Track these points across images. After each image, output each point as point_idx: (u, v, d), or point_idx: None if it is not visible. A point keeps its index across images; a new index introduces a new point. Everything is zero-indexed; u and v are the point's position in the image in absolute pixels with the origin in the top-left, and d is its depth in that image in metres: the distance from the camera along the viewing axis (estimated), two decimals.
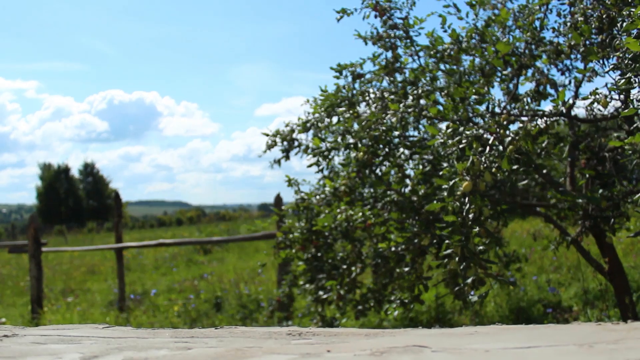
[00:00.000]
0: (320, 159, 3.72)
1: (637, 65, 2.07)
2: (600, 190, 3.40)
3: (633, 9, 2.34)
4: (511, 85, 4.06)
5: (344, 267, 3.48)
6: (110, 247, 9.40)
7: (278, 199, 6.62)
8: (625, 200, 3.24)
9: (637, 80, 2.43)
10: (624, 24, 2.23)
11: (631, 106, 2.47)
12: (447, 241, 2.13)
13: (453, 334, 0.64)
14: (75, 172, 57.86)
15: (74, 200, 55.37)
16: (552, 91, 4.14)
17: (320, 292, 3.75)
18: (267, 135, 4.70)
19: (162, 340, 0.68)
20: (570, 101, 3.96)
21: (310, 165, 3.77)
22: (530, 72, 4.13)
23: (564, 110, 3.49)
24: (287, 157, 4.58)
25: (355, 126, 3.40)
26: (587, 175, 3.34)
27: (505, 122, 2.60)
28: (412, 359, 0.54)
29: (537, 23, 3.81)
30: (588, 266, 6.88)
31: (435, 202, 2.34)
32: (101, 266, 14.13)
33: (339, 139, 3.51)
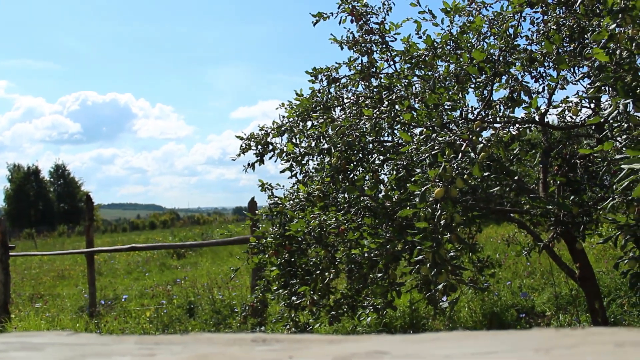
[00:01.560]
0: (294, 164, 3.70)
1: (604, 74, 2.09)
2: (572, 197, 3.44)
3: (602, 20, 2.37)
4: (485, 92, 4.09)
5: (317, 272, 3.45)
6: (81, 252, 9.24)
7: (252, 203, 6.57)
8: (596, 207, 3.29)
9: (605, 89, 2.47)
10: (593, 34, 2.25)
11: (599, 114, 2.50)
12: (418, 247, 2.12)
13: (416, 340, 0.63)
14: (45, 174, 56.83)
15: (44, 203, 54.33)
16: (526, 98, 4.19)
17: (294, 298, 3.73)
18: (241, 138, 4.67)
19: (127, 347, 0.68)
20: (544, 109, 4.01)
21: (283, 171, 3.75)
22: (504, 79, 4.17)
23: (536, 118, 3.52)
24: (262, 161, 4.55)
25: (330, 131, 3.39)
26: (558, 182, 3.37)
27: (478, 129, 2.60)
28: None
29: (511, 30, 3.84)
30: (561, 272, 6.96)
31: (407, 208, 2.33)
32: (72, 271, 13.89)
33: (313, 144, 3.49)
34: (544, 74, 4.23)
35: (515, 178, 2.49)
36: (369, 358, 0.58)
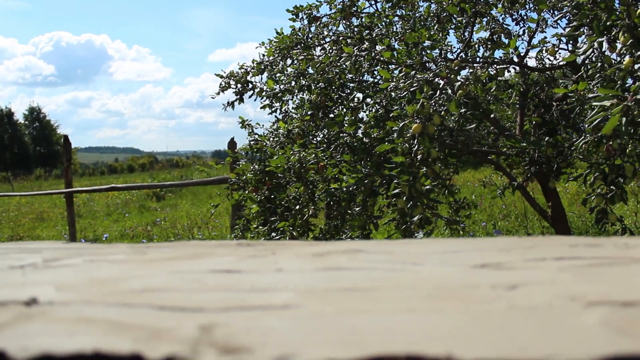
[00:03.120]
0: (274, 101, 3.70)
1: (581, 13, 2.12)
2: (547, 138, 3.51)
3: None
4: (466, 33, 4.09)
5: (297, 208, 3.52)
6: (60, 192, 9.20)
7: (232, 142, 6.58)
8: (570, 148, 3.37)
9: (583, 30, 2.50)
10: None
11: (577, 53, 2.53)
12: (396, 181, 2.18)
13: (390, 243, 0.68)
14: (20, 117, 55.67)
15: (19, 146, 53.40)
16: (506, 40, 4.20)
17: (273, 234, 3.79)
18: (221, 77, 4.64)
19: (120, 249, 0.72)
20: (523, 50, 4.04)
21: (263, 107, 3.76)
22: (485, 20, 4.16)
23: (515, 59, 3.55)
24: (241, 100, 4.54)
25: (310, 69, 3.39)
26: (534, 123, 3.44)
27: (456, 68, 2.63)
28: (349, 258, 0.57)
29: None
30: (535, 214, 7.16)
31: (386, 143, 2.38)
32: (50, 213, 13.85)
33: (293, 83, 3.49)
34: (524, 17, 4.23)
35: (492, 117, 2.54)
36: (346, 254, 0.63)
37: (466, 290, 0.46)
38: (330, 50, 3.85)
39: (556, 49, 3.11)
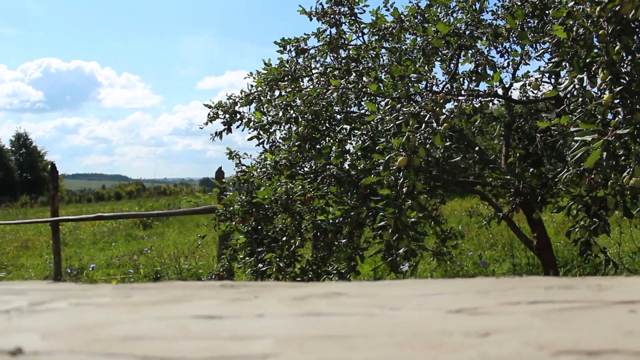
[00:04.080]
0: (261, 132, 3.73)
1: (561, 50, 2.18)
2: (531, 169, 3.56)
3: None
4: (452, 66, 4.17)
5: (284, 239, 3.52)
6: (46, 220, 9.13)
7: (219, 172, 6.59)
8: (554, 179, 3.41)
9: (565, 64, 2.56)
10: (552, 11, 2.33)
11: (559, 88, 2.59)
12: (381, 214, 2.20)
13: (371, 285, 0.70)
14: (6, 143, 55.39)
15: (5, 172, 52.97)
16: (491, 72, 4.27)
17: (260, 265, 3.79)
18: (209, 107, 4.67)
19: (105, 291, 0.73)
20: (508, 83, 4.11)
21: (251, 138, 3.78)
22: (470, 53, 4.24)
23: (500, 92, 3.62)
24: (229, 130, 4.57)
25: (298, 100, 3.43)
26: (518, 154, 3.49)
27: (441, 101, 2.68)
28: (329, 303, 0.59)
29: (477, 5, 3.91)
30: (521, 244, 7.19)
31: (372, 176, 2.41)
32: (35, 241, 13.69)
33: (281, 114, 3.52)
34: (509, 49, 4.32)
35: (477, 149, 2.58)
36: (326, 298, 0.65)
37: (440, 338, 0.48)
38: (318, 82, 3.90)
39: (539, 83, 3.17)
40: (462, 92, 3.44)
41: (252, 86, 4.49)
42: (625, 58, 2.33)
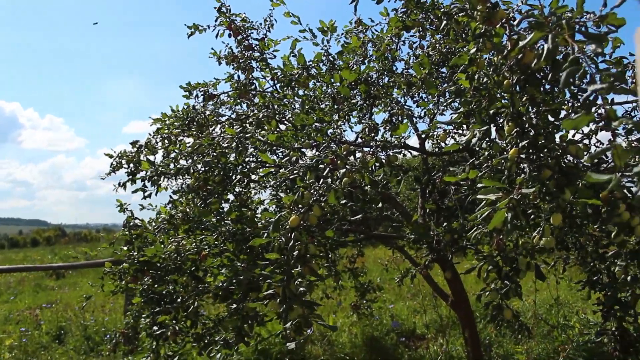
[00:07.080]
0: (147, 185, 3.41)
1: (463, 99, 2.02)
2: (444, 224, 3.40)
3: (468, 45, 2.32)
4: (367, 115, 4.02)
5: (179, 300, 3.18)
6: None
7: (128, 221, 6.16)
8: (464, 235, 3.26)
9: (471, 115, 2.42)
10: (453, 58, 2.19)
11: (470, 141, 2.44)
12: (269, 281, 1.93)
13: None
14: None
15: None
16: (407, 122, 4.15)
17: (155, 328, 3.42)
18: (111, 156, 4.32)
19: None
20: (423, 134, 3.99)
21: (135, 191, 3.45)
22: (384, 102, 4.12)
23: (411, 142, 3.48)
24: (134, 181, 4.21)
25: (189, 150, 3.16)
26: (428, 209, 3.33)
27: (344, 153, 2.47)
28: None
29: (389, 54, 3.80)
30: None
31: (264, 236, 2.15)
32: None
33: (172, 165, 3.23)
34: (425, 99, 4.22)
35: (379, 206, 2.38)
36: None
37: None
38: (222, 130, 3.64)
39: (448, 134, 3.04)
40: (372, 143, 3.27)
41: (155, 134, 4.19)
42: (531, 110, 2.20)
